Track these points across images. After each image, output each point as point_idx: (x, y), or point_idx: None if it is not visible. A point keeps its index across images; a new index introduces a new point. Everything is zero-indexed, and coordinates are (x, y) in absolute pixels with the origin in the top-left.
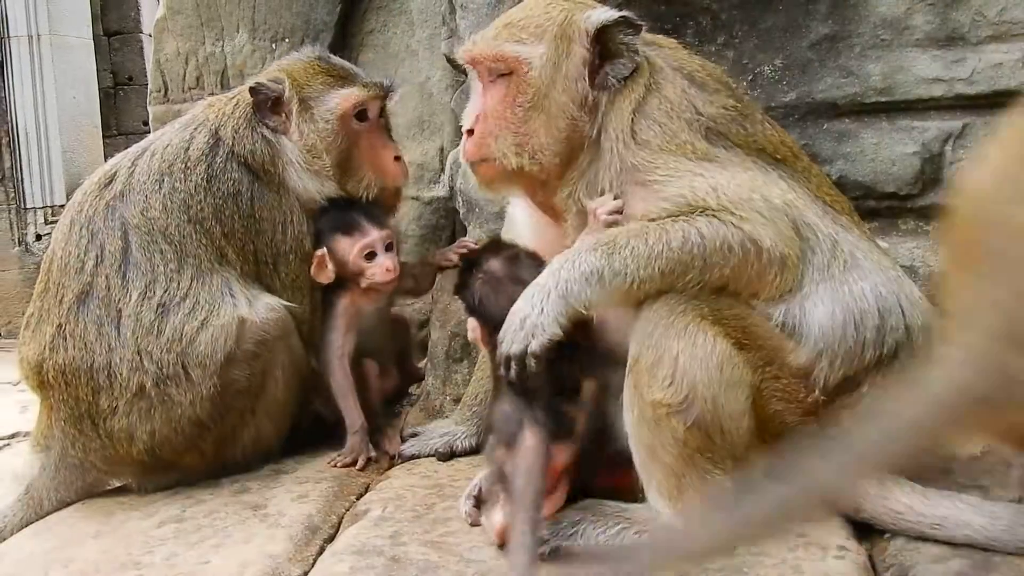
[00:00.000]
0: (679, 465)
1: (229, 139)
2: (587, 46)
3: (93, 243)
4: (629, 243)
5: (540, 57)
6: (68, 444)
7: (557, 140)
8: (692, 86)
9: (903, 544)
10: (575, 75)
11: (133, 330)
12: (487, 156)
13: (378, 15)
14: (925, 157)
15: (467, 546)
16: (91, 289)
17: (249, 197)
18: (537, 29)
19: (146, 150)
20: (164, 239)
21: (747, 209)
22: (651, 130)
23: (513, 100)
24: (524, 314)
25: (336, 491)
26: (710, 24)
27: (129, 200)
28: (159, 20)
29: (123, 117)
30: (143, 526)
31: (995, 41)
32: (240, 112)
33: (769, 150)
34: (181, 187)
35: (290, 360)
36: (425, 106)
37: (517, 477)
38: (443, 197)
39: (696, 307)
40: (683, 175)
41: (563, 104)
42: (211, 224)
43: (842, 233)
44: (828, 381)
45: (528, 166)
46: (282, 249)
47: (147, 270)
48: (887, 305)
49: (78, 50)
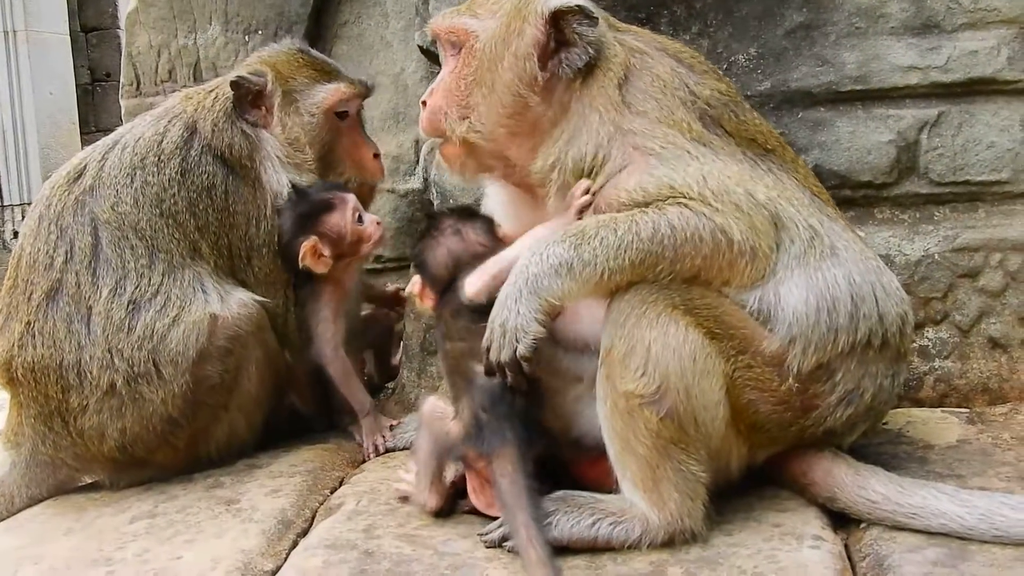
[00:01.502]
0: (653, 456)
1: (208, 132)
2: (541, 28)
3: (63, 239)
4: (598, 233)
5: (487, 31)
6: (39, 441)
7: (500, 115)
8: (680, 66)
9: (879, 533)
10: (523, 54)
11: (103, 327)
12: (438, 128)
13: (352, 7)
14: (901, 145)
15: (441, 538)
16: (60, 286)
17: (224, 191)
18: (495, 6)
19: (117, 143)
20: (135, 234)
21: (725, 202)
22: (647, 103)
23: (460, 72)
24: (503, 319)
25: (310, 485)
26: (684, 13)
27: (99, 194)
28: (131, 13)
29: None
30: (115, 522)
31: (970, 29)
32: (220, 106)
33: (760, 140)
34: (154, 180)
35: (264, 355)
36: (400, 98)
37: (506, 493)
38: (418, 189)
39: (668, 297)
40: (680, 155)
41: (507, 81)
42: (185, 218)
43: (827, 223)
44: (802, 368)
45: (472, 138)
46: (255, 243)
47: (117, 266)
48: (861, 293)
49: (55, 46)
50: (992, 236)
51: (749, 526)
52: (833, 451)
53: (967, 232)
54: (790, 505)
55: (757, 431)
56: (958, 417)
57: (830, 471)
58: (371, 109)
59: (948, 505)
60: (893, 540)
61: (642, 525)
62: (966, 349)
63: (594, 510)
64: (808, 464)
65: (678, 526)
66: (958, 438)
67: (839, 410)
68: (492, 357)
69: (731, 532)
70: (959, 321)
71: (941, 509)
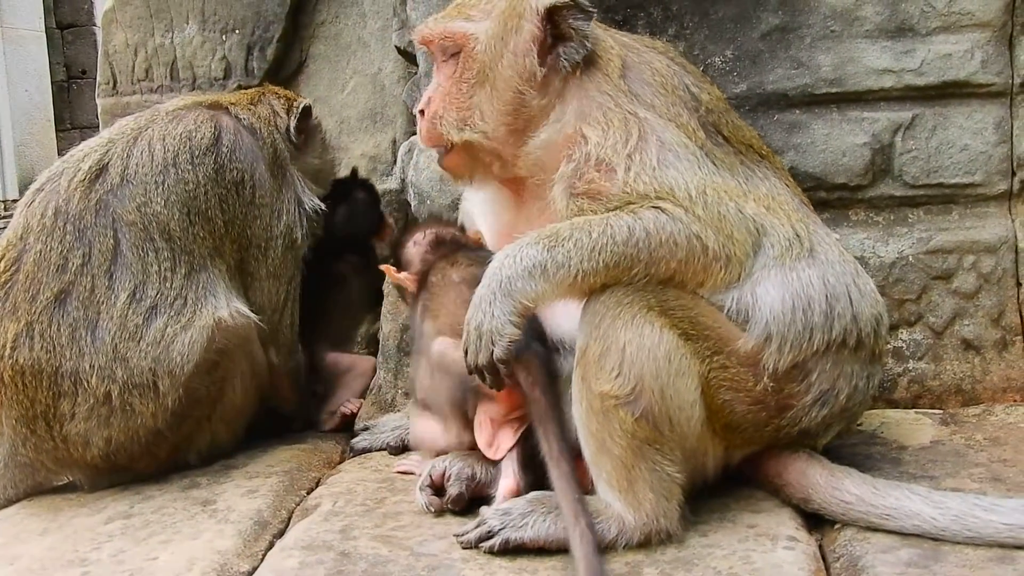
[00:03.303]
0: (628, 456)
1: (260, 129)
2: (538, 24)
3: (80, 241)
4: (572, 235)
5: (486, 32)
6: (19, 442)
7: (502, 112)
8: (674, 64)
9: (853, 534)
10: (523, 50)
11: (112, 334)
12: (439, 136)
13: (329, 6)
14: (875, 148)
15: (418, 540)
16: (72, 289)
17: (252, 185)
18: (487, 6)
19: (137, 139)
20: (162, 235)
21: (712, 213)
22: (655, 98)
23: (460, 76)
24: (477, 322)
25: (287, 486)
26: (661, 15)
27: (124, 194)
28: (107, 11)
29: (77, 111)
30: (90, 523)
31: (944, 32)
32: (265, 111)
33: (755, 145)
34: (190, 177)
35: (249, 368)
36: (377, 98)
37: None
38: (395, 190)
39: (643, 298)
40: (686, 161)
41: (508, 78)
42: (214, 213)
43: (811, 227)
44: (777, 367)
45: (474, 139)
46: (273, 233)
47: (138, 270)
48: (835, 292)
49: (30, 43)
50: (965, 238)
51: (724, 527)
52: (808, 452)
53: (941, 234)
54: (765, 506)
55: (732, 431)
56: (932, 418)
57: (805, 472)
58: (348, 109)
59: (921, 506)
60: (867, 541)
61: (618, 526)
62: (940, 350)
63: None
64: (783, 465)
65: (654, 526)
66: (931, 439)
67: (814, 410)
68: (470, 360)
69: (706, 533)
70: (933, 323)
71: (915, 510)
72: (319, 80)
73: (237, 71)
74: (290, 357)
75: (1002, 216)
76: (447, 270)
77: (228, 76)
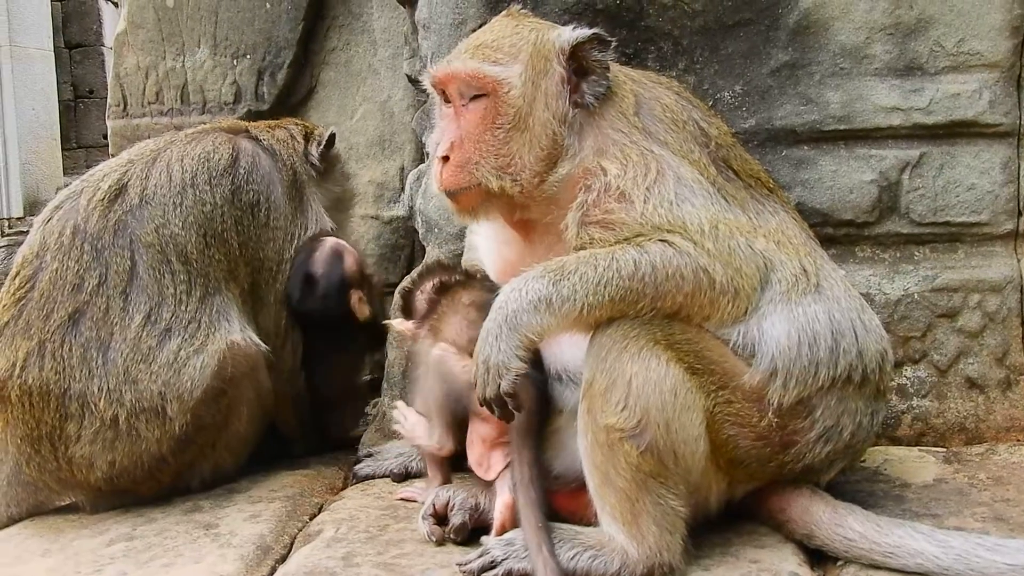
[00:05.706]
0: (633, 490)
1: (280, 151)
2: (564, 64)
3: (98, 261)
4: (578, 269)
5: (519, 76)
6: (23, 462)
7: (539, 159)
8: (681, 99)
9: (855, 572)
10: (555, 92)
11: (124, 356)
12: (467, 183)
13: (340, 33)
14: (882, 185)
15: (420, 568)
16: (86, 310)
17: (267, 207)
18: (512, 48)
19: (156, 160)
20: (179, 257)
21: (721, 248)
22: (667, 135)
23: (492, 122)
24: (485, 356)
25: (289, 511)
26: (671, 49)
27: (143, 215)
28: (119, 34)
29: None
30: (92, 544)
31: (953, 72)
32: (284, 134)
33: (764, 179)
34: (208, 199)
35: (255, 396)
36: (386, 125)
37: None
38: (402, 217)
39: (649, 331)
40: (701, 197)
41: (545, 121)
42: (230, 235)
43: (818, 262)
44: (782, 402)
45: (510, 188)
46: (285, 256)
47: (153, 292)
48: (840, 328)
49: (38, 62)
50: (971, 277)
51: (727, 561)
52: (811, 488)
53: (947, 272)
54: (768, 541)
55: (736, 466)
56: (935, 456)
57: (808, 508)
58: (357, 135)
59: (924, 545)
60: None
61: (621, 558)
62: (944, 388)
63: (574, 543)
64: (786, 501)
65: (657, 560)
66: (935, 477)
67: (818, 447)
68: (479, 393)
69: (709, 567)
70: (937, 360)
71: (918, 548)
72: (329, 106)
73: (247, 96)
74: (293, 383)
75: (1008, 255)
76: (458, 293)
77: (238, 100)
